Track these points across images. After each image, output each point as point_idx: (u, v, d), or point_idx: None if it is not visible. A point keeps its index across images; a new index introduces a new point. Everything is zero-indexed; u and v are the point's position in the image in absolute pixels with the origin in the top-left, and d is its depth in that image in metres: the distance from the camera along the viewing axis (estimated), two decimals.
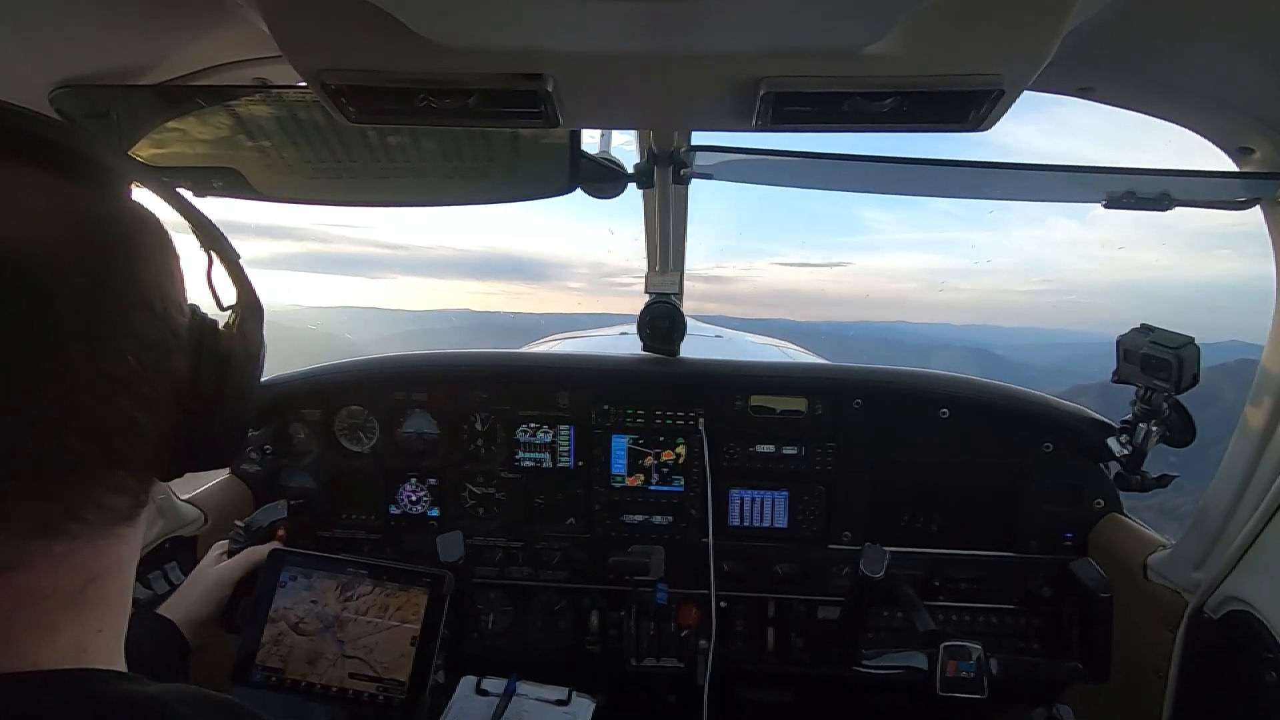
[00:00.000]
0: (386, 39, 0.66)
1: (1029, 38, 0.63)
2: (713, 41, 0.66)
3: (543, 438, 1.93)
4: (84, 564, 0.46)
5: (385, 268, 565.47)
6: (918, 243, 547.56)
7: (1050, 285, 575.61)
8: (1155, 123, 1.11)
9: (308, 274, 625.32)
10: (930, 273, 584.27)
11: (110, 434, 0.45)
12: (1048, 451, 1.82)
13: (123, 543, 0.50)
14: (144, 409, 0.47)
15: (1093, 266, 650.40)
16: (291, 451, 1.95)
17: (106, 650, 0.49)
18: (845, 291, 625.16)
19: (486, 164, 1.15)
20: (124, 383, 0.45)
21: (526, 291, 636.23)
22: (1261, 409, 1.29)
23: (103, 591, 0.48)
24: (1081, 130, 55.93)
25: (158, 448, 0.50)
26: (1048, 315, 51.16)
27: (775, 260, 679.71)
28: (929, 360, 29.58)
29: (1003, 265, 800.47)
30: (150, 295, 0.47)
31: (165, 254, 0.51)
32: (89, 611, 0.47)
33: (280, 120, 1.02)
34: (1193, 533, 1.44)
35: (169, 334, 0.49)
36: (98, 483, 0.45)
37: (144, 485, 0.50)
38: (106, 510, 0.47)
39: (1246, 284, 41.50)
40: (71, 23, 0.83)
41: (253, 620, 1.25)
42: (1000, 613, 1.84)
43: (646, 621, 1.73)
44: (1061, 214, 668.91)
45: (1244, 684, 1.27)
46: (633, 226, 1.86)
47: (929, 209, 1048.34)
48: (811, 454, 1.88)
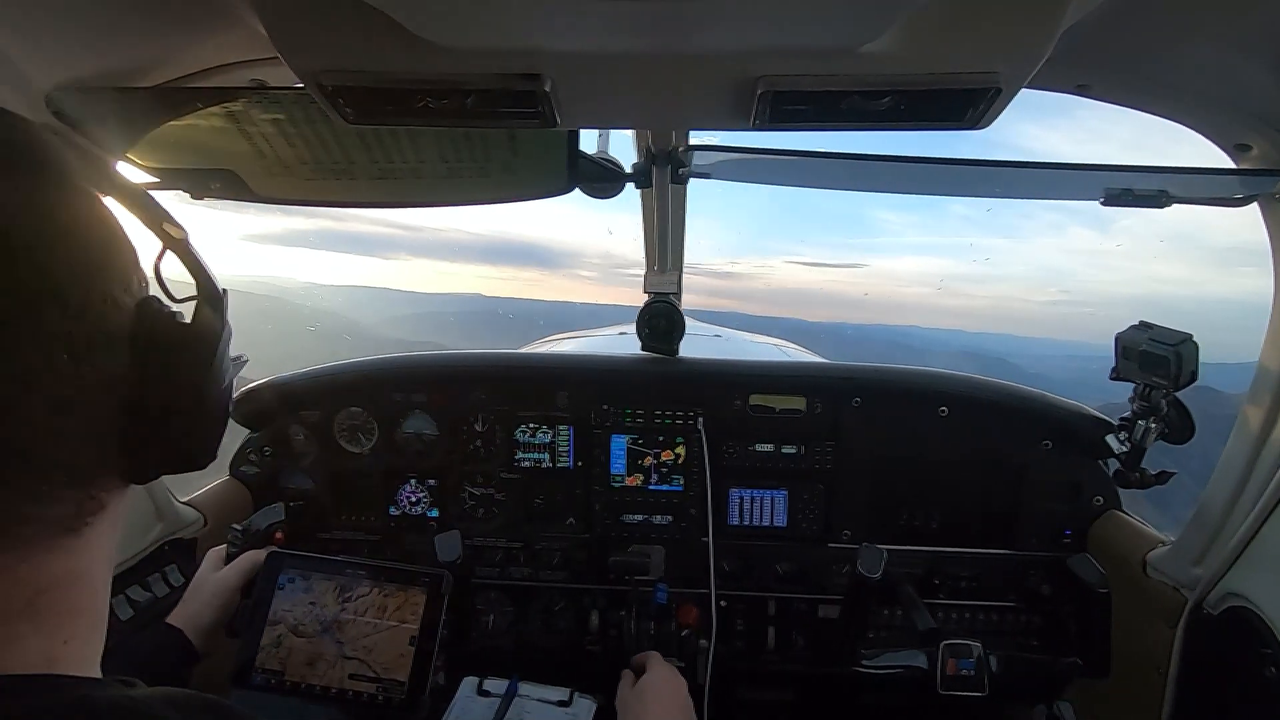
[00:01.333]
0: (384, 40, 0.66)
1: (1026, 36, 0.63)
2: (710, 41, 0.66)
3: (542, 438, 1.92)
4: (26, 578, 0.44)
5: (397, 248, 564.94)
6: (933, 246, 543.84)
7: (1067, 296, 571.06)
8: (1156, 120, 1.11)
9: (322, 251, 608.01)
10: (944, 277, 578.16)
11: (24, 442, 0.41)
12: (1047, 449, 1.82)
13: (70, 555, 0.46)
14: (62, 412, 0.43)
15: (1112, 278, 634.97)
16: (291, 453, 1.94)
17: (79, 660, 0.47)
18: (858, 293, 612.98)
19: (484, 164, 1.15)
20: (32, 386, 0.41)
21: (538, 279, 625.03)
22: (1260, 406, 1.29)
23: (60, 604, 0.46)
24: (1108, 137, 53.53)
25: (95, 452, 0.46)
26: (1064, 326, 50.25)
27: (790, 259, 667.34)
28: (943, 368, 29.63)
29: (1019, 273, 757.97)
30: (64, 290, 0.43)
31: (89, 246, 0.46)
32: (50, 623, 0.45)
33: (278, 122, 1.02)
34: (1192, 529, 1.44)
35: (93, 330, 0.45)
36: (21, 495, 0.42)
37: (86, 493, 0.47)
38: (34, 523, 0.44)
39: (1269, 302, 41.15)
40: (68, 25, 0.83)
41: (251, 623, 1.25)
42: (1000, 610, 1.84)
43: (647, 621, 1.73)
44: (1082, 223, 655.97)
45: (1244, 680, 1.27)
46: (633, 225, 1.86)
47: (945, 212, 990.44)
48: (811, 453, 1.88)
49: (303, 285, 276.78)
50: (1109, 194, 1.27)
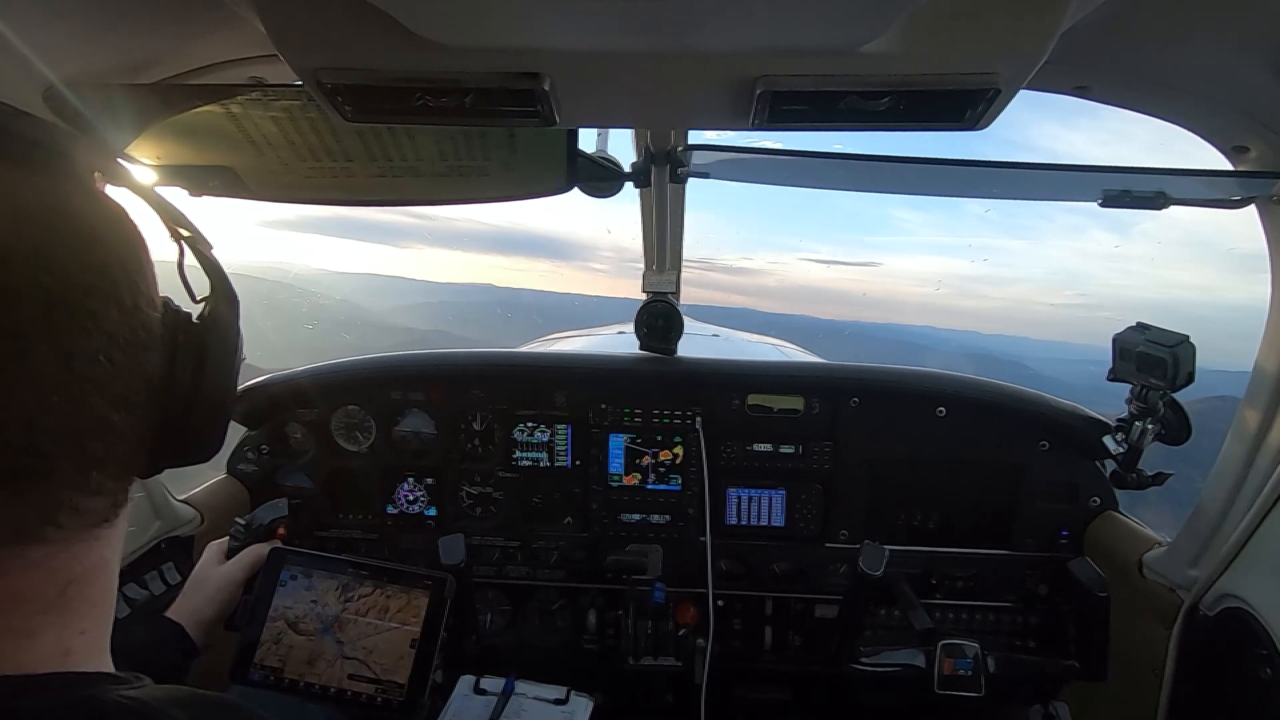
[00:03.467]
0: (383, 38, 0.66)
1: (1025, 36, 0.63)
2: (709, 40, 0.66)
3: (540, 437, 1.92)
4: (62, 568, 0.45)
5: (411, 237, 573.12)
6: (949, 246, 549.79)
7: (1085, 299, 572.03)
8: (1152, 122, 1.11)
9: (337, 238, 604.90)
10: (959, 278, 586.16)
11: (84, 436, 0.44)
12: (1044, 449, 1.82)
13: (102, 545, 0.49)
14: (119, 409, 0.45)
15: (1131, 282, 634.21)
16: (288, 451, 1.94)
17: (91, 652, 0.48)
18: (872, 291, 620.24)
19: (483, 163, 1.15)
20: (96, 383, 0.44)
21: (551, 270, 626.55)
22: (1256, 407, 1.30)
23: (84, 594, 0.47)
24: (1130, 138, 51.71)
25: (135, 447, 0.48)
26: (1081, 330, 49.31)
27: (804, 255, 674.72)
28: (957, 371, 28.69)
29: (1036, 275, 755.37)
30: (120, 291, 0.46)
31: (134, 247, 0.49)
32: (71, 614, 0.47)
33: (276, 119, 1.02)
34: (1188, 530, 1.44)
35: (141, 330, 0.47)
36: (72, 486, 0.44)
37: (122, 486, 0.49)
38: (83, 514, 0.45)
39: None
40: (65, 22, 0.83)
41: (252, 619, 1.25)
42: (996, 610, 1.84)
43: (644, 620, 1.73)
44: (1101, 226, 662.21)
45: (1239, 680, 1.27)
46: (633, 224, 1.86)
47: (963, 212, 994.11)
48: (808, 453, 1.88)
49: (316, 271, 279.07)
50: (1107, 195, 1.27)
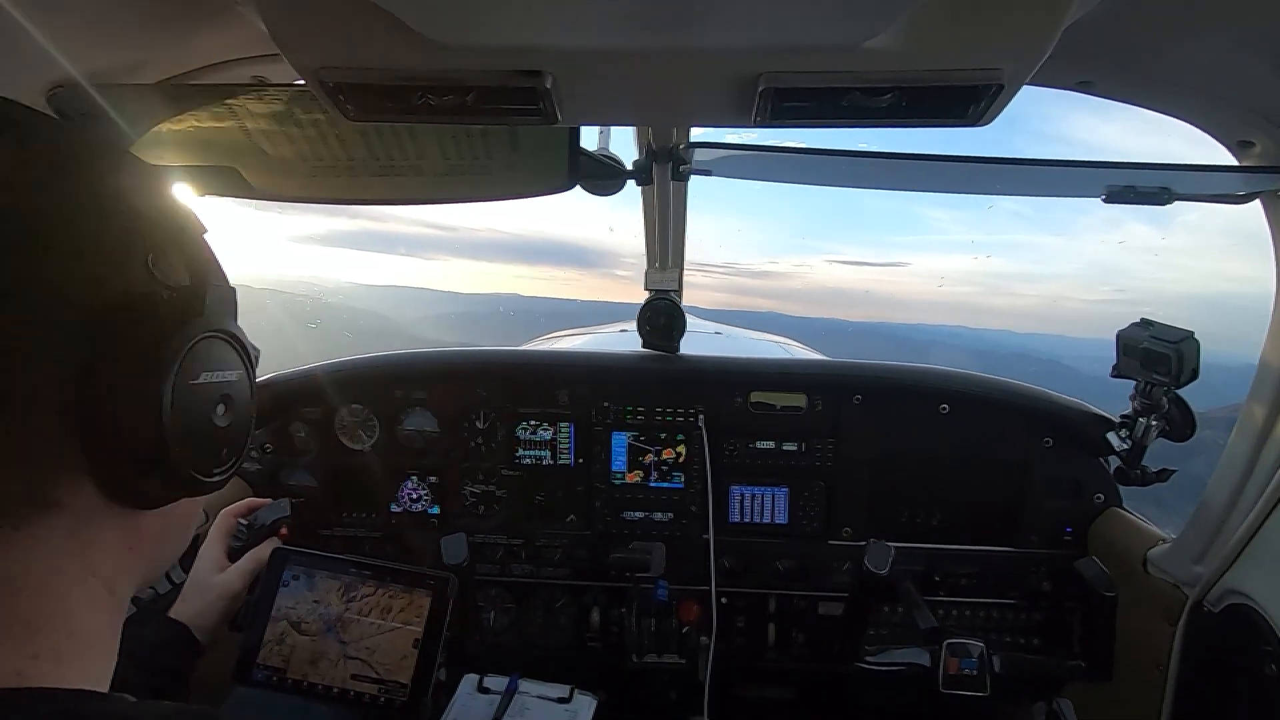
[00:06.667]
0: (385, 36, 0.66)
1: (1029, 31, 0.63)
2: (711, 37, 0.65)
3: (543, 435, 1.93)
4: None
5: (436, 249, 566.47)
6: (980, 244, 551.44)
7: (1123, 295, 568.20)
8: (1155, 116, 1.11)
9: (364, 252, 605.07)
10: (991, 276, 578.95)
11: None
12: (1048, 446, 1.82)
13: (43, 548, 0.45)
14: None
15: (1170, 275, 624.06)
16: (292, 450, 1.95)
17: (53, 677, 0.45)
18: (898, 292, 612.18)
19: (485, 161, 1.15)
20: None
21: (575, 278, 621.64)
22: (1261, 403, 1.29)
23: (15, 614, 0.44)
24: (1172, 130, 51.32)
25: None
26: (1118, 326, 45.89)
27: (830, 257, 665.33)
28: (996, 373, 27.07)
29: (1071, 271, 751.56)
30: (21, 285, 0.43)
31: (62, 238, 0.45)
32: (19, 633, 0.44)
33: (279, 118, 1.02)
34: (1193, 526, 1.44)
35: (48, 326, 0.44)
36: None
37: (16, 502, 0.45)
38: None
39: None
40: (68, 22, 0.83)
41: (254, 619, 1.25)
42: (1000, 607, 1.84)
43: (647, 618, 1.73)
44: (1138, 219, 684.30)
45: (1244, 677, 1.27)
46: (634, 222, 1.88)
47: (996, 209, 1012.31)
48: (812, 450, 1.88)
49: (345, 285, 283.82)
50: (1110, 191, 1.27)
